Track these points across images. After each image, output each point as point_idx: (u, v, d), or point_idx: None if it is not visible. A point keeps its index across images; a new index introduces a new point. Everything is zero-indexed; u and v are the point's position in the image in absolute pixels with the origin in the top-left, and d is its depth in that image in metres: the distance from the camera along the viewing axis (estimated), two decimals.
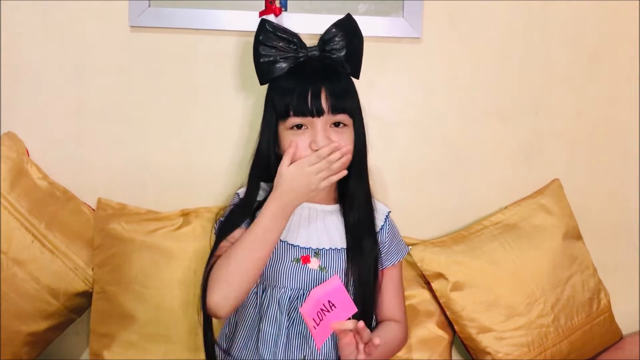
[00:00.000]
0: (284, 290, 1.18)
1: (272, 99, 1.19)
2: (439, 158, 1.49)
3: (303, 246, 1.19)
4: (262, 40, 1.20)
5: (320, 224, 1.22)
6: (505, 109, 1.49)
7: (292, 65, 1.19)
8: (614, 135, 1.53)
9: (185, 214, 1.41)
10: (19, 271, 1.30)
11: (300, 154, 1.15)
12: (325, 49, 1.20)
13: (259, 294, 1.20)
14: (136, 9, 1.39)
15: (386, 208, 1.29)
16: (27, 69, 1.41)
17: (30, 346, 1.33)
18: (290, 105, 1.15)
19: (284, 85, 1.18)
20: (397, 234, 1.31)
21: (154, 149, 1.44)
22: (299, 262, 1.19)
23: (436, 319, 1.40)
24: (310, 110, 1.14)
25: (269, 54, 1.19)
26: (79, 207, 1.41)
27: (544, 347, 1.36)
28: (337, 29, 1.20)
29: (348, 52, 1.20)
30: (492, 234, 1.43)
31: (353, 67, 1.22)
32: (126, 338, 1.33)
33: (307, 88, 1.14)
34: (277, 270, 1.18)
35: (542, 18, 1.47)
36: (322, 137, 1.14)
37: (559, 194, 1.48)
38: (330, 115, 1.15)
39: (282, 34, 1.20)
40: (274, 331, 1.17)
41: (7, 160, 1.35)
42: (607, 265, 1.50)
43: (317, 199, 1.22)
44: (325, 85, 1.15)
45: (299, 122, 1.15)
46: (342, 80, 1.20)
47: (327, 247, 1.20)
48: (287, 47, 1.19)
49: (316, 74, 1.17)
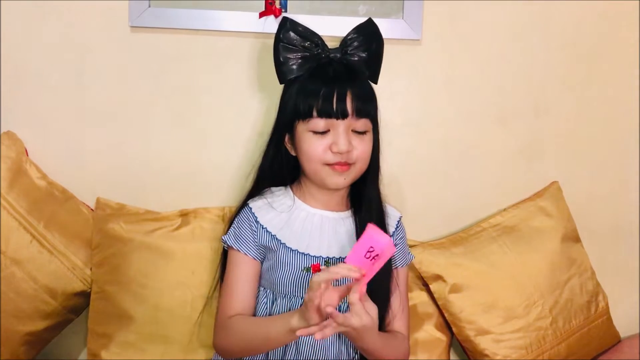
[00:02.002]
0: (294, 299, 1.17)
1: (294, 99, 1.16)
2: (438, 160, 1.49)
3: (314, 255, 1.18)
4: (283, 38, 1.18)
5: (331, 232, 1.20)
6: (504, 110, 1.49)
7: (313, 65, 1.18)
8: (614, 138, 1.53)
9: (184, 214, 1.41)
10: (17, 271, 1.30)
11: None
12: (347, 51, 1.19)
13: (269, 305, 1.19)
14: (136, 9, 1.39)
15: (397, 213, 1.28)
16: (27, 69, 1.41)
17: (28, 346, 1.33)
18: (315, 106, 1.13)
19: (308, 86, 1.15)
20: (405, 239, 1.30)
21: (153, 149, 1.44)
22: (309, 271, 1.17)
23: (434, 321, 1.40)
24: (335, 112, 1.12)
25: (290, 53, 1.18)
26: (77, 207, 1.41)
27: (542, 349, 1.36)
28: (358, 33, 1.20)
29: (368, 55, 1.20)
30: (490, 236, 1.43)
31: (372, 71, 1.22)
32: (124, 338, 1.33)
33: (333, 89, 1.13)
34: (287, 279, 1.17)
35: (542, 20, 1.47)
36: (345, 140, 1.13)
37: (558, 197, 1.48)
38: (354, 119, 1.14)
39: (304, 33, 1.18)
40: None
41: (6, 159, 1.35)
42: (605, 268, 1.51)
43: (330, 206, 1.22)
44: (351, 87, 1.14)
45: (322, 124, 1.13)
46: (365, 84, 1.19)
47: (338, 256, 1.19)
48: (308, 46, 1.18)
49: (340, 76, 1.16)
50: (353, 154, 1.15)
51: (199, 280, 1.33)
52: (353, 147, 1.14)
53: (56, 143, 1.43)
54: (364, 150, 1.16)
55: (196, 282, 1.33)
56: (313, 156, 1.15)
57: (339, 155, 1.14)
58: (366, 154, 1.17)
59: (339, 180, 1.16)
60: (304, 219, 1.20)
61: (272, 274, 1.19)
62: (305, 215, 1.20)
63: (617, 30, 1.49)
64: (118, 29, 1.40)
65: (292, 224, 1.19)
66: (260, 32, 1.40)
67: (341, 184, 1.17)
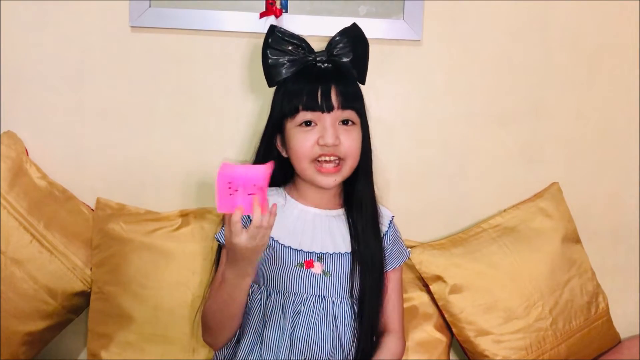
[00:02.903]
0: (287, 295, 1.18)
1: (281, 99, 1.20)
2: (439, 160, 1.49)
3: (306, 250, 1.19)
4: (271, 44, 1.21)
5: (324, 228, 1.21)
6: (505, 111, 1.49)
7: (299, 68, 1.20)
8: (614, 139, 1.53)
9: (184, 214, 1.41)
10: (17, 271, 1.30)
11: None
12: (332, 53, 1.21)
13: (263, 300, 1.20)
14: (137, 9, 1.39)
15: (390, 213, 1.29)
16: (27, 69, 1.41)
17: (28, 346, 1.33)
18: (301, 102, 1.16)
19: (294, 85, 1.19)
20: (399, 238, 1.30)
21: (153, 150, 1.44)
22: (302, 266, 1.18)
23: (434, 321, 1.40)
24: (320, 105, 1.15)
25: (277, 57, 1.20)
26: (78, 207, 1.41)
27: (541, 350, 1.36)
28: (342, 36, 1.22)
29: (354, 58, 1.22)
30: (491, 237, 1.43)
31: (359, 73, 1.23)
32: (124, 338, 1.33)
33: (317, 87, 1.16)
34: (280, 275, 1.18)
35: (542, 21, 1.47)
36: (331, 133, 1.15)
37: (558, 198, 1.48)
38: (340, 111, 1.16)
39: (291, 39, 1.21)
40: (277, 336, 1.17)
41: (7, 159, 1.35)
42: (605, 269, 1.51)
43: (322, 204, 1.22)
44: (335, 84, 1.17)
45: (309, 117, 1.16)
46: (350, 81, 1.21)
47: (331, 252, 1.20)
48: (295, 51, 1.20)
49: (326, 74, 1.19)
50: (341, 148, 1.16)
51: (199, 280, 1.33)
52: (340, 141, 1.16)
53: (56, 143, 1.43)
54: (351, 144, 1.17)
55: (196, 282, 1.33)
56: (302, 152, 1.16)
57: (327, 148, 1.15)
58: (354, 148, 1.18)
59: (330, 180, 1.18)
60: (297, 216, 1.21)
61: (265, 269, 1.19)
62: (298, 213, 1.22)
63: (617, 31, 1.49)
64: (118, 29, 1.40)
65: (285, 221, 1.20)
66: (260, 33, 1.39)
67: (332, 184, 1.18)
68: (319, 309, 1.18)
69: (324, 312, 1.18)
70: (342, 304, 1.19)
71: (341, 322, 1.19)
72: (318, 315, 1.17)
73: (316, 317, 1.17)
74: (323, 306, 1.18)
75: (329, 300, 1.19)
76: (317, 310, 1.17)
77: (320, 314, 1.18)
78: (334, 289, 1.19)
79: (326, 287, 1.18)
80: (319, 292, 1.18)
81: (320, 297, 1.18)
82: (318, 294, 1.18)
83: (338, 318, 1.19)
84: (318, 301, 1.18)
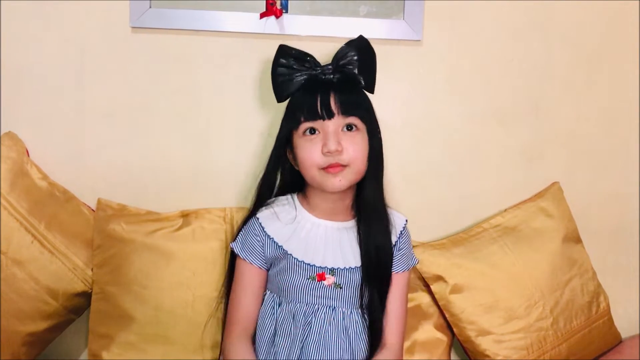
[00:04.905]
0: (298, 305, 1.20)
1: (287, 112, 1.22)
2: (439, 160, 1.49)
3: (319, 265, 1.20)
4: (280, 63, 1.22)
5: (335, 243, 1.21)
6: (505, 111, 1.49)
7: (306, 80, 1.21)
8: (614, 138, 1.53)
9: (185, 215, 1.41)
10: (18, 271, 1.30)
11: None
12: (339, 64, 1.21)
13: (275, 308, 1.21)
14: (137, 9, 1.39)
15: (403, 218, 1.28)
16: (27, 69, 1.41)
17: (29, 346, 1.33)
18: (302, 113, 1.17)
19: (297, 98, 1.20)
20: (410, 245, 1.30)
21: (154, 150, 1.44)
22: (315, 279, 1.19)
23: (435, 321, 1.40)
24: (320, 113, 1.15)
25: (285, 74, 1.21)
26: (78, 208, 1.41)
27: (542, 350, 1.36)
28: (349, 47, 1.22)
29: (361, 67, 1.22)
30: (491, 237, 1.43)
31: (367, 82, 1.23)
32: (125, 339, 1.33)
33: (316, 95, 1.16)
34: (293, 287, 1.20)
35: (542, 21, 1.47)
36: (334, 141, 1.15)
37: (558, 197, 1.48)
38: (342, 117, 1.16)
39: (298, 55, 1.22)
40: (288, 344, 1.18)
41: (7, 160, 1.35)
42: (606, 268, 1.51)
43: (334, 216, 1.23)
44: (335, 91, 1.17)
45: (311, 125, 1.16)
46: (353, 88, 1.21)
47: (342, 267, 1.20)
48: (302, 66, 1.21)
49: (326, 84, 1.20)
50: (344, 155, 1.15)
51: (200, 280, 1.33)
52: (343, 147, 1.15)
53: (57, 143, 1.43)
54: (355, 149, 1.16)
55: (197, 282, 1.33)
56: (308, 161, 1.17)
57: (330, 156, 1.15)
58: (359, 153, 1.17)
59: (335, 181, 1.16)
60: (309, 230, 1.22)
61: (278, 279, 1.21)
62: (310, 227, 1.22)
63: (618, 30, 1.49)
64: (119, 30, 1.40)
65: (297, 235, 1.21)
66: (261, 33, 1.40)
67: (338, 186, 1.17)
68: (330, 319, 1.19)
69: (335, 322, 1.19)
70: (353, 315, 1.21)
71: (353, 332, 1.20)
72: (329, 325, 1.19)
73: (327, 327, 1.19)
74: (334, 317, 1.20)
75: (340, 311, 1.20)
76: (328, 321, 1.19)
77: (331, 324, 1.19)
78: (344, 300, 1.20)
79: (337, 298, 1.20)
80: (330, 303, 1.20)
81: (330, 308, 1.20)
82: (329, 304, 1.20)
83: (349, 328, 1.20)
84: (329, 312, 1.19)
